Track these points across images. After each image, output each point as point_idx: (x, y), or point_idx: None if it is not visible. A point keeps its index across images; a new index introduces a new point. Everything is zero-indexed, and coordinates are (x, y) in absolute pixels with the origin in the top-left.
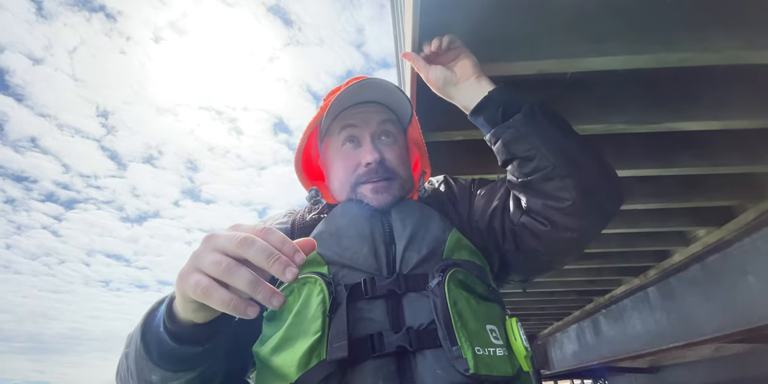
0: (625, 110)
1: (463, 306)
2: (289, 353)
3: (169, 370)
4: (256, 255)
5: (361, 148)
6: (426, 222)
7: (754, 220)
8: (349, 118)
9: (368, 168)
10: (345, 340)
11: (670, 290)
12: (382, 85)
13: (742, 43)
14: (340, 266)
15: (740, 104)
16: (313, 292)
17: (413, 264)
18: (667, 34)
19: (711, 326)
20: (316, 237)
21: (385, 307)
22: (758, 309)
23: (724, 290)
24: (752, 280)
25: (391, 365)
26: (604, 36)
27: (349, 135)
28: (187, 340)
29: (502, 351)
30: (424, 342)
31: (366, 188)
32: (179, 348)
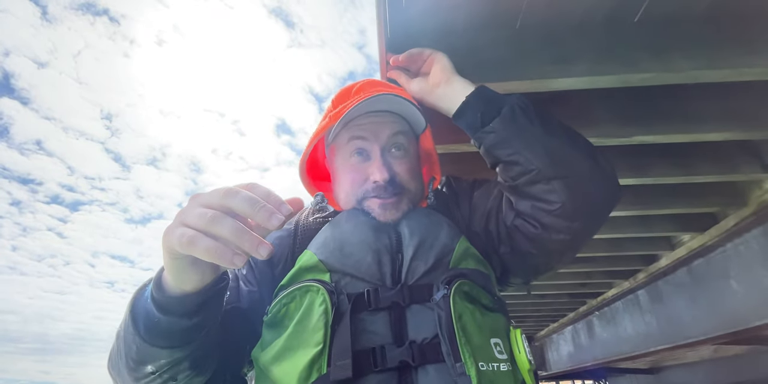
0: (597, 125)
1: (468, 320)
2: (290, 364)
3: (155, 345)
4: (241, 203)
5: (370, 163)
6: (435, 230)
7: (734, 226)
8: (358, 129)
9: (376, 185)
10: (349, 358)
11: (659, 293)
12: (395, 100)
13: (702, 63)
14: (342, 274)
15: (710, 118)
16: (315, 301)
17: (419, 274)
18: (629, 55)
19: (697, 329)
20: (319, 243)
21: (389, 320)
22: (741, 313)
23: (708, 294)
24: (735, 285)
25: (392, 380)
26: (571, 57)
27: (358, 147)
28: (175, 311)
29: (506, 366)
30: (427, 357)
31: (374, 203)
32: (166, 319)
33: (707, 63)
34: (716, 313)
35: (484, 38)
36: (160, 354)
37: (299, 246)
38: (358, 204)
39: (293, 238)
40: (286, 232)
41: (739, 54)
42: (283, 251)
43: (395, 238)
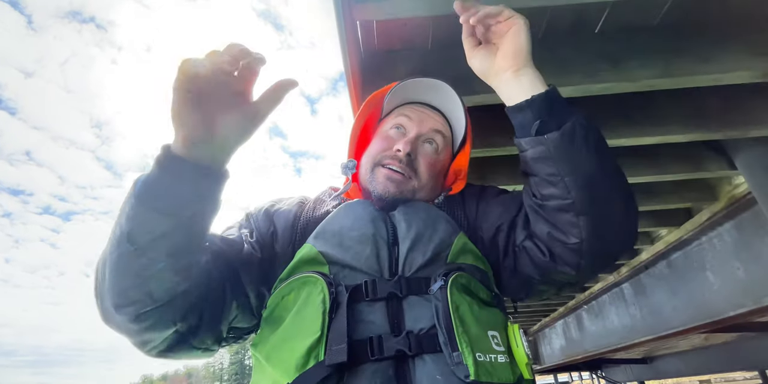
0: None
1: (465, 311)
2: (287, 353)
3: (145, 205)
4: (226, 49)
5: (402, 138)
6: (433, 223)
7: (707, 220)
8: (408, 111)
9: (396, 153)
10: (345, 343)
11: (641, 286)
12: (453, 97)
13: (657, 72)
14: (341, 266)
15: (675, 121)
16: (313, 291)
17: (417, 266)
18: (590, 66)
19: (678, 320)
20: (318, 235)
21: (386, 310)
22: (716, 303)
23: (687, 286)
24: (711, 277)
25: (389, 369)
26: None
27: (400, 123)
28: (174, 169)
29: (504, 358)
30: (424, 347)
31: (382, 172)
32: (167, 177)
33: (662, 72)
34: (694, 304)
35: (452, 54)
36: (147, 221)
37: (300, 238)
38: (371, 169)
39: (292, 227)
40: (286, 212)
41: (693, 62)
42: (285, 232)
43: (392, 231)
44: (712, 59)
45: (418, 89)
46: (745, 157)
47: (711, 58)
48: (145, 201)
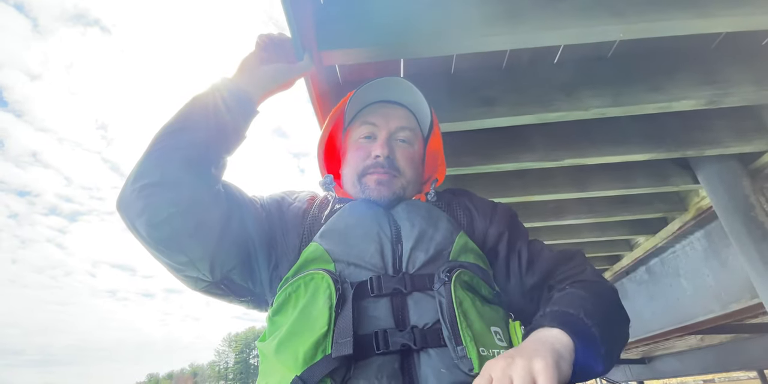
0: (533, 151)
1: (468, 306)
2: (295, 347)
3: (193, 103)
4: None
5: (375, 143)
6: (434, 223)
7: (679, 229)
8: (370, 115)
9: (376, 160)
10: (350, 336)
11: (624, 290)
12: (409, 88)
13: (607, 101)
14: (346, 264)
15: (636, 142)
16: (319, 288)
17: (420, 264)
18: (546, 96)
19: (656, 323)
20: (324, 234)
21: (390, 306)
22: (689, 308)
23: (663, 290)
24: (684, 283)
25: (395, 363)
26: (496, 99)
27: (368, 132)
28: (223, 85)
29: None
30: (429, 341)
31: (370, 179)
32: (212, 89)
33: (612, 101)
34: (670, 308)
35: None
36: (192, 113)
37: (306, 235)
38: (357, 181)
39: (302, 222)
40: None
41: (642, 91)
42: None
43: (395, 229)
44: (659, 89)
45: (372, 91)
46: (705, 173)
47: (659, 87)
48: (193, 103)
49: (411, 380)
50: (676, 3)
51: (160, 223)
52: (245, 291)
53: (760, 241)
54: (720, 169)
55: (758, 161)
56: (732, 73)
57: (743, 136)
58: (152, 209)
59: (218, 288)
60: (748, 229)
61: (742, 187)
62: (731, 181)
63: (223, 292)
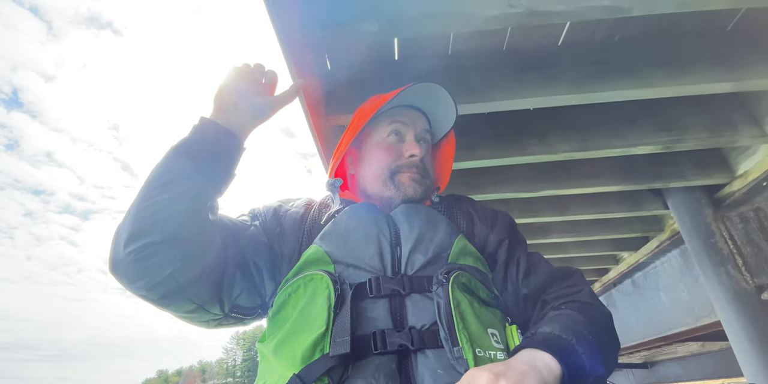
0: (514, 183)
1: (465, 308)
2: (293, 346)
3: (177, 153)
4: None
5: (405, 143)
6: (433, 225)
7: (657, 247)
8: (399, 115)
9: (411, 159)
10: (348, 335)
11: (612, 300)
12: (442, 96)
13: (575, 146)
14: (346, 265)
15: (607, 175)
16: (319, 288)
17: (419, 266)
18: (521, 140)
19: (640, 333)
20: (324, 236)
21: (389, 307)
22: (668, 320)
23: (646, 303)
24: (663, 296)
25: (392, 363)
26: (477, 144)
27: (395, 129)
28: (204, 127)
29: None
30: (426, 342)
31: (405, 176)
32: (193, 133)
33: (579, 146)
34: (652, 319)
35: None
36: (176, 164)
37: (306, 239)
38: (389, 178)
39: (300, 228)
40: (294, 215)
41: (605, 138)
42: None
43: (395, 232)
44: (621, 136)
45: (410, 93)
46: (673, 200)
47: (620, 134)
48: (178, 150)
49: (408, 380)
50: (623, 75)
51: (163, 280)
52: (255, 308)
53: (718, 265)
54: (686, 199)
55: (720, 192)
56: (687, 121)
57: (705, 171)
58: (154, 269)
59: (229, 319)
60: (708, 254)
61: (704, 216)
62: (696, 209)
63: (235, 320)
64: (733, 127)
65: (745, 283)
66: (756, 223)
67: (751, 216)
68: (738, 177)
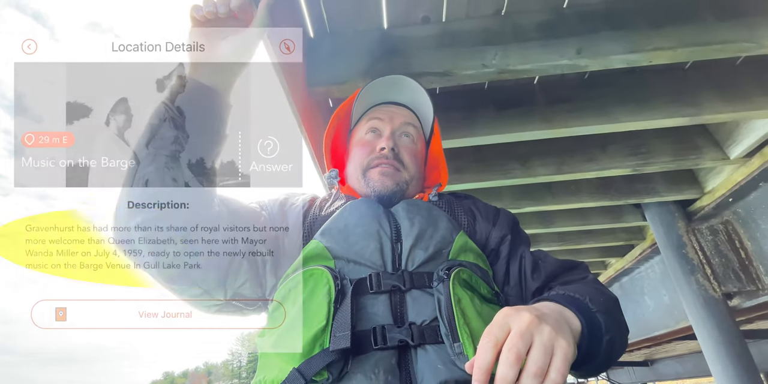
0: (499, 200)
1: (466, 304)
2: (293, 341)
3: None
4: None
5: (381, 139)
6: (434, 221)
7: (640, 254)
8: (377, 113)
9: (381, 153)
10: (348, 330)
11: None
12: (413, 87)
13: (552, 170)
14: (346, 261)
15: (585, 192)
16: (319, 283)
17: (419, 262)
18: (504, 165)
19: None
20: (325, 231)
21: (389, 303)
22: (652, 322)
23: (632, 306)
24: (647, 300)
25: (392, 358)
26: (463, 169)
27: (373, 126)
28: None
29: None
30: (427, 337)
31: (374, 172)
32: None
33: (557, 170)
34: (638, 321)
35: None
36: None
37: (307, 234)
38: (363, 174)
39: (303, 226)
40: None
41: (580, 161)
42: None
43: (395, 228)
44: (594, 160)
45: (379, 90)
46: (650, 213)
47: (594, 158)
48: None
49: (408, 375)
50: (591, 112)
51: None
52: (256, 301)
53: (688, 274)
54: (660, 212)
55: (691, 207)
56: (654, 146)
57: (677, 187)
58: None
59: (230, 306)
60: (680, 264)
61: (677, 228)
62: (669, 222)
63: (235, 308)
64: (697, 151)
65: (713, 291)
66: (724, 234)
67: (720, 228)
68: (707, 193)
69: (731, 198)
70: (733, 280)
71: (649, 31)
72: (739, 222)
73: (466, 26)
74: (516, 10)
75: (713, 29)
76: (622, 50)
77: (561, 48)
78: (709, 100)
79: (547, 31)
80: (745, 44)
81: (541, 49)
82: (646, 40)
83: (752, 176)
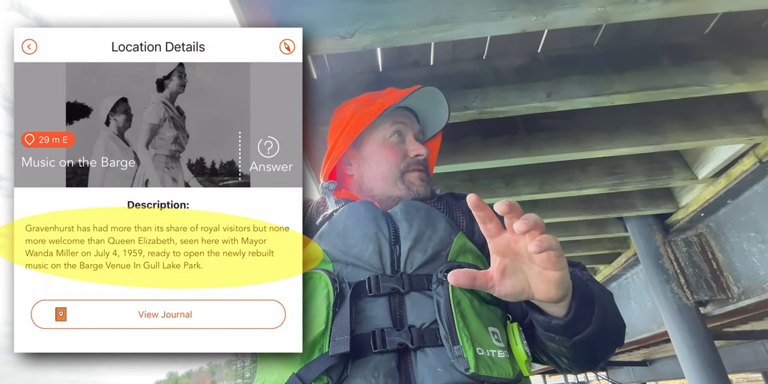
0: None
1: (466, 306)
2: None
3: None
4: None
5: (407, 143)
6: (432, 223)
7: (625, 261)
8: (399, 117)
9: (417, 159)
10: (347, 334)
11: None
12: (439, 100)
13: (535, 189)
14: (344, 264)
15: (568, 206)
16: (317, 287)
17: (418, 264)
18: (490, 184)
19: None
20: (323, 235)
21: (388, 305)
22: (637, 325)
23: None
24: (633, 304)
25: (391, 361)
26: (454, 187)
27: (398, 130)
28: None
29: (504, 353)
30: (426, 340)
31: (414, 176)
32: None
33: (539, 188)
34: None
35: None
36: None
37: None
38: (399, 178)
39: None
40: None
41: (561, 181)
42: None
43: (394, 230)
44: (573, 179)
45: (422, 98)
46: (631, 225)
47: (573, 178)
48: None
49: (407, 379)
50: (565, 140)
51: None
52: None
53: (664, 283)
54: (640, 224)
55: (668, 220)
56: (629, 167)
57: (654, 202)
58: None
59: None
60: (657, 273)
61: (655, 240)
62: (648, 234)
63: None
64: (668, 171)
65: (686, 299)
66: (698, 246)
67: (694, 240)
68: (681, 208)
69: (703, 213)
70: (705, 289)
71: (612, 74)
72: (711, 235)
73: (451, 70)
74: (495, 53)
75: (668, 74)
76: (586, 93)
77: (533, 92)
78: (674, 130)
79: (522, 75)
80: (697, 87)
81: (516, 93)
82: (608, 85)
83: (719, 195)
